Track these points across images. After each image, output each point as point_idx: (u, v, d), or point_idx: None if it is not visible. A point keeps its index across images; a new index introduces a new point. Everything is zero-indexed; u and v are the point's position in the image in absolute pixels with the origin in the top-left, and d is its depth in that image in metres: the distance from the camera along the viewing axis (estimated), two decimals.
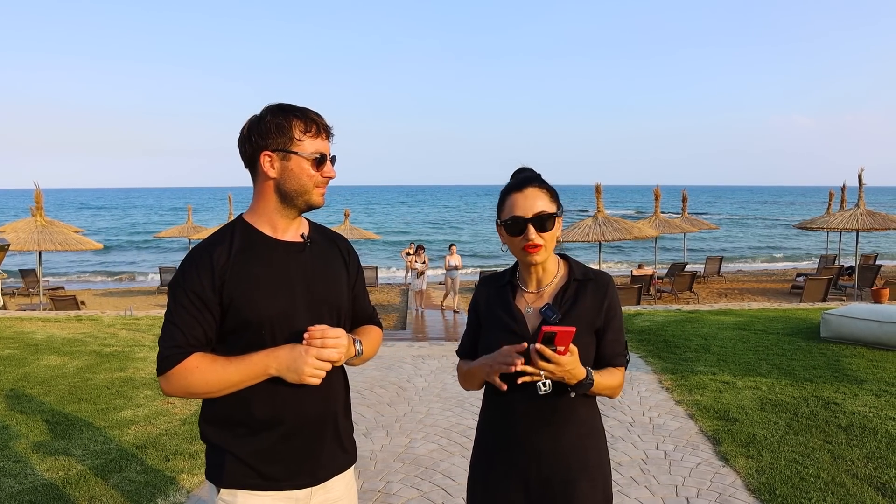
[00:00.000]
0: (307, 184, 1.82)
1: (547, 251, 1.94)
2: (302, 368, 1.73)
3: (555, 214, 1.93)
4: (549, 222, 1.90)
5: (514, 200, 1.93)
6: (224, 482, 1.82)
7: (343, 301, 1.95)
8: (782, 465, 4.50)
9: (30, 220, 17.87)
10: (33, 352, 8.27)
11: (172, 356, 1.75)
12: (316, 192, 1.84)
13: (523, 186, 1.94)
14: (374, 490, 4.28)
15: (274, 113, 1.81)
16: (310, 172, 1.81)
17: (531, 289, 2.00)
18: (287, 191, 1.82)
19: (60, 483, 4.28)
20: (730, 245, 43.47)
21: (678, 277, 19.09)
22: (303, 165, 1.80)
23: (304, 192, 1.82)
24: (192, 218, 25.74)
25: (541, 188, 1.94)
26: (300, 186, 1.82)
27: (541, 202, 1.91)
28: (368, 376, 7.23)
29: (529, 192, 1.92)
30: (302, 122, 1.80)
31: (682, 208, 24.32)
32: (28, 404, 6.00)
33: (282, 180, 1.82)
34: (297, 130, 1.79)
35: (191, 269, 1.79)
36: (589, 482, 1.89)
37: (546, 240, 1.91)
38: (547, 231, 1.91)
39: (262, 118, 1.81)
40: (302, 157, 1.80)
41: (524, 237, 1.90)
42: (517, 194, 1.93)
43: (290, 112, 1.81)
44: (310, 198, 1.84)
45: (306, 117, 1.81)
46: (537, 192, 1.92)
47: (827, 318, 8.45)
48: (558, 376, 1.80)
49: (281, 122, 1.79)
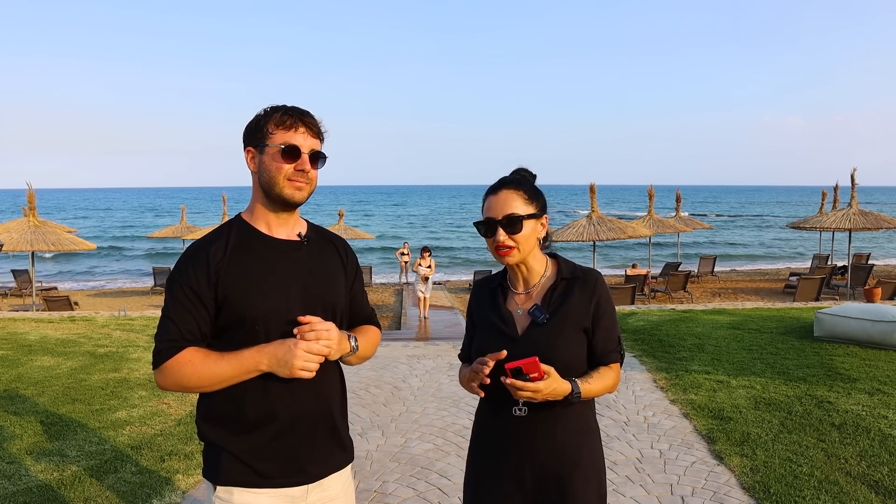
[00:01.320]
0: (276, 175, 1.82)
1: (521, 253, 1.93)
2: (292, 362, 1.73)
3: (527, 216, 1.92)
4: (518, 224, 1.90)
5: (489, 202, 1.95)
6: (220, 479, 1.83)
7: (339, 300, 1.96)
8: (776, 463, 4.52)
9: (22, 220, 17.78)
10: (27, 352, 8.23)
11: (166, 349, 1.77)
12: (288, 185, 1.82)
13: (498, 188, 1.95)
14: (370, 490, 4.29)
15: (263, 111, 1.85)
16: (279, 164, 1.81)
17: (520, 290, 2.01)
18: (262, 184, 1.85)
19: (55, 484, 4.27)
20: (723, 244, 43.60)
21: (672, 277, 19.14)
22: (273, 157, 1.82)
23: (274, 183, 1.82)
24: (185, 218, 25.64)
25: (516, 190, 1.93)
26: (270, 178, 1.82)
27: (513, 204, 1.91)
28: (364, 376, 7.23)
29: (503, 195, 1.93)
30: (278, 116, 1.82)
31: (676, 208, 24.40)
32: (22, 405, 5.97)
33: (259, 174, 1.85)
34: (271, 125, 1.82)
35: (187, 265, 1.81)
36: (583, 479, 1.91)
37: (518, 241, 1.91)
38: (518, 233, 1.91)
39: (254, 117, 1.86)
40: (271, 147, 1.81)
41: (495, 239, 1.92)
42: (492, 196, 1.95)
43: (276, 109, 1.84)
44: (280, 190, 1.82)
45: (285, 112, 1.83)
46: (511, 193, 1.92)
47: (820, 318, 8.49)
48: (540, 399, 1.80)
49: (261, 118, 1.84)
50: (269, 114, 1.84)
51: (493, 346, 1.91)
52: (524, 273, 2.00)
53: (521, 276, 2.00)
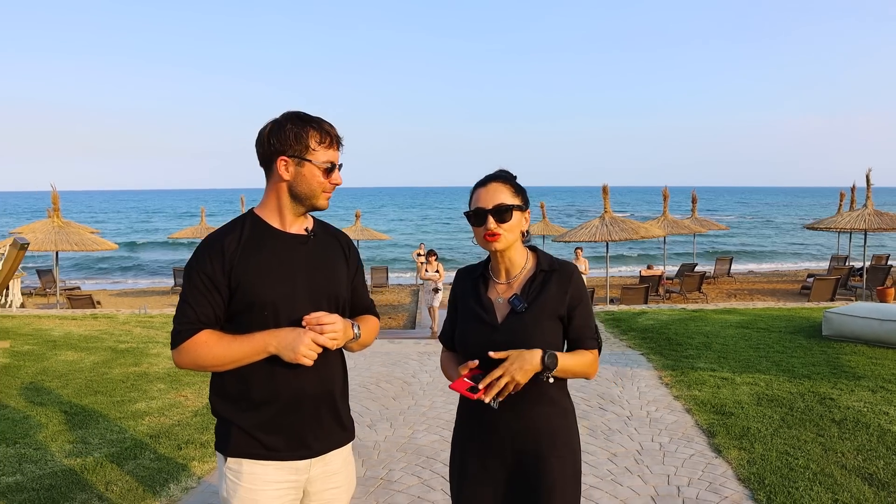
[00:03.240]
0: (316, 189, 2.01)
1: (507, 241, 2.09)
2: (298, 348, 1.91)
3: (515, 207, 2.08)
4: (507, 214, 2.06)
5: (478, 194, 2.11)
6: (230, 451, 2.01)
7: (341, 290, 2.13)
8: (773, 456, 4.62)
9: (47, 221, 18.22)
10: (52, 347, 8.53)
11: (184, 331, 1.95)
12: (323, 196, 2.03)
13: (487, 182, 2.12)
14: (377, 477, 4.46)
15: (293, 121, 1.99)
16: (320, 179, 2.00)
17: (501, 280, 2.16)
18: (297, 193, 2.01)
19: (79, 469, 4.49)
20: (741, 246, 43.32)
21: (687, 278, 19.14)
22: (314, 173, 2.00)
23: (312, 195, 2.02)
24: (205, 220, 26.07)
25: (504, 183, 2.10)
26: (310, 191, 2.01)
27: (502, 195, 2.08)
28: (375, 372, 7.41)
29: (492, 187, 2.10)
30: (318, 133, 1.99)
31: (692, 209, 24.35)
32: (47, 396, 6.24)
33: (294, 183, 2.01)
34: (312, 140, 1.98)
35: (204, 254, 1.99)
36: (558, 458, 2.05)
37: (505, 230, 2.07)
38: (506, 222, 2.07)
39: (283, 125, 1.99)
40: (315, 165, 1.99)
41: (485, 227, 2.07)
42: (481, 189, 2.11)
43: (307, 122, 1.99)
44: (316, 201, 2.04)
45: (321, 129, 2.00)
46: (499, 186, 2.09)
47: (829, 317, 8.54)
48: (516, 381, 1.93)
49: (299, 132, 1.97)
50: (305, 128, 1.98)
51: (474, 333, 2.09)
52: (507, 264, 2.15)
53: (504, 267, 2.15)
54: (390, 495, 4.19)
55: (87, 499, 4.06)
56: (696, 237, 28.43)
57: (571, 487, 2.07)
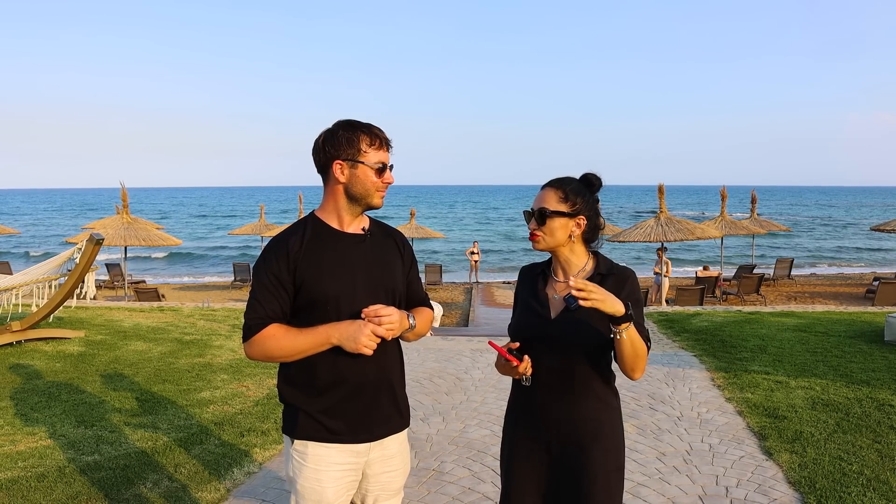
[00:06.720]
0: (370, 188, 2.18)
1: (546, 243, 2.22)
2: (359, 339, 2.07)
3: (556, 213, 2.18)
4: (546, 218, 2.18)
5: (536, 195, 2.27)
6: (297, 434, 2.19)
7: (397, 284, 2.30)
8: (826, 461, 4.59)
9: (116, 217, 19.09)
10: (122, 338, 9.00)
11: (255, 325, 2.14)
12: (377, 195, 2.20)
13: (544, 186, 2.26)
14: (429, 469, 4.62)
15: (345, 128, 2.17)
16: (373, 179, 2.17)
17: (560, 278, 2.28)
18: (353, 193, 2.18)
19: (150, 451, 4.80)
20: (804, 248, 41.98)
21: (745, 279, 18.73)
22: (367, 173, 2.16)
23: (367, 195, 2.19)
24: (264, 216, 26.80)
25: (556, 189, 2.21)
26: (364, 190, 2.18)
27: (547, 200, 2.20)
28: (428, 368, 7.59)
29: (543, 191, 2.24)
30: (368, 137, 2.16)
31: (752, 209, 23.78)
32: (120, 383, 6.63)
33: (350, 185, 2.18)
34: (363, 143, 2.16)
35: (270, 255, 2.17)
36: (601, 451, 2.16)
37: (544, 232, 2.20)
38: (544, 225, 2.19)
39: (335, 132, 2.17)
40: (367, 166, 2.16)
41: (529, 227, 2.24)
42: (538, 193, 2.27)
43: (357, 128, 2.17)
44: (371, 200, 2.20)
45: (371, 133, 2.17)
46: (549, 191, 2.22)
47: (891, 322, 8.30)
48: (601, 301, 1.94)
49: (351, 137, 2.15)
50: (356, 133, 2.15)
51: (528, 324, 2.22)
52: (563, 264, 2.27)
53: (561, 267, 2.28)
54: (441, 486, 4.34)
55: (159, 479, 4.35)
56: (755, 238, 27.71)
57: (615, 481, 2.17)
